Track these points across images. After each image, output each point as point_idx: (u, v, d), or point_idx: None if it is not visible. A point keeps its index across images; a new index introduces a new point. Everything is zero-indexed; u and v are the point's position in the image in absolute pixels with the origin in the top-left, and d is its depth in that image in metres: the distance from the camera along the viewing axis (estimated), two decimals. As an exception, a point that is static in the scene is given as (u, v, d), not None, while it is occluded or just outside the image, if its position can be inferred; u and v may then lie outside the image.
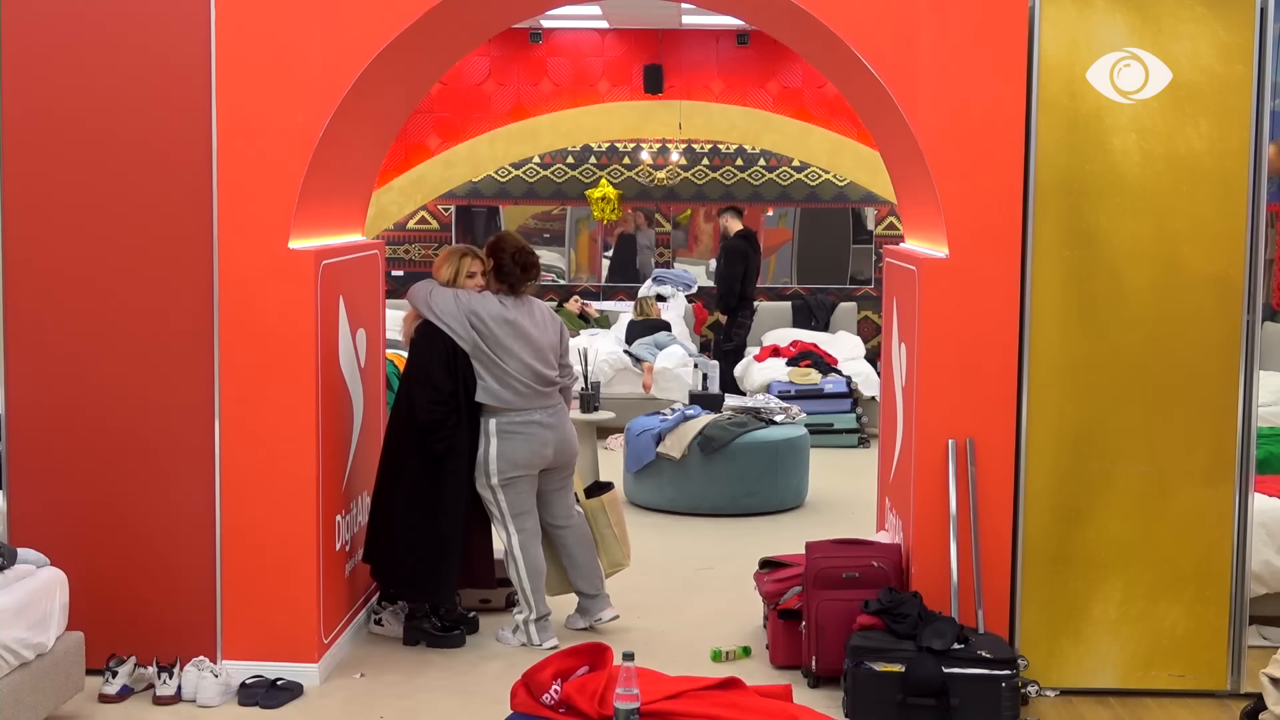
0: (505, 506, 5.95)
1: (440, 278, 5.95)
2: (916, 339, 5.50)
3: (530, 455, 5.94)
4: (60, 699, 4.95)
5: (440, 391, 5.79)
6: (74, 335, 5.47)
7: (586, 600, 6.22)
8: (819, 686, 5.48)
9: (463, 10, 5.73)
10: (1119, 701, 5.41)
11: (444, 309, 5.84)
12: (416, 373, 5.82)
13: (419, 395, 5.80)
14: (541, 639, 5.98)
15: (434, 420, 5.78)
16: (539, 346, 5.95)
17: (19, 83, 5.40)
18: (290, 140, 5.40)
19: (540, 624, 6.02)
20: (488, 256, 6.02)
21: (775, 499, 8.71)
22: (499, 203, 14.12)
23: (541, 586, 6.05)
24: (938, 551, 5.41)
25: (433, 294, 5.89)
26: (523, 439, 5.92)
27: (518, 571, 5.99)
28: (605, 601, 6.23)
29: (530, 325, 5.96)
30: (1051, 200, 5.34)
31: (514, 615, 6.10)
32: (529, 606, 6.01)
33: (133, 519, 5.50)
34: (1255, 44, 5.27)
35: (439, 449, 5.82)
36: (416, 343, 5.88)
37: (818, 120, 13.81)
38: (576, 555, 6.19)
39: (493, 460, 5.90)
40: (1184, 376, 5.37)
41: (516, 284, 6.01)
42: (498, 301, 5.93)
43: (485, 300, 5.91)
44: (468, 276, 5.95)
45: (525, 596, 6.01)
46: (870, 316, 13.86)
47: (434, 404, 5.78)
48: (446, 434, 5.81)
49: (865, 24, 5.39)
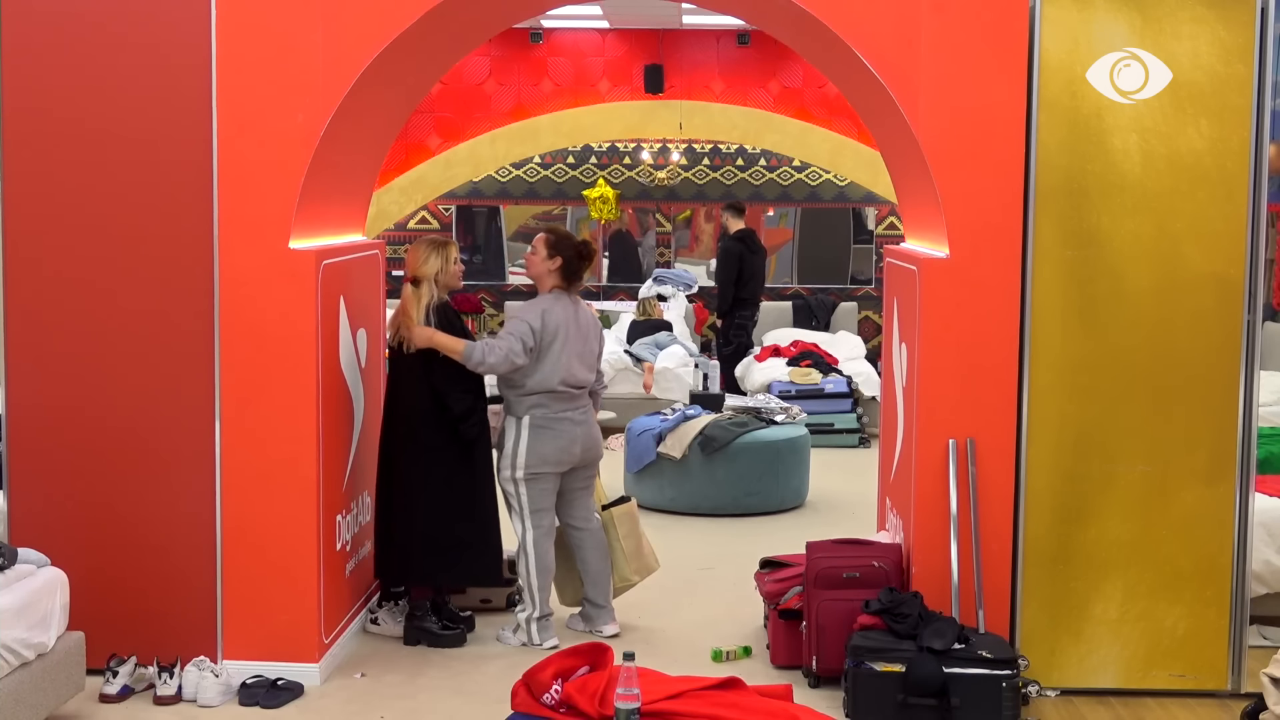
0: (526, 501, 5.97)
1: (426, 272, 5.93)
2: (917, 339, 5.50)
3: (559, 452, 5.98)
4: (61, 699, 4.95)
5: (468, 379, 5.90)
6: (74, 335, 5.47)
7: (592, 609, 6.22)
8: (819, 686, 5.48)
9: (463, 10, 5.73)
10: (1119, 701, 5.41)
11: (535, 321, 5.92)
12: (445, 368, 5.86)
13: (452, 387, 5.86)
14: (542, 639, 5.99)
15: (468, 407, 5.89)
16: (581, 350, 6.03)
17: (19, 83, 5.40)
18: (291, 140, 5.40)
19: (542, 623, 6.02)
20: (551, 255, 6.04)
21: (776, 499, 8.71)
22: (499, 203, 14.13)
23: (548, 585, 6.06)
24: (938, 551, 5.41)
25: (531, 310, 5.96)
26: (553, 435, 5.96)
27: (527, 567, 6.01)
28: (610, 615, 6.23)
29: (575, 328, 6.02)
30: (1052, 200, 5.34)
31: (516, 614, 6.10)
32: (533, 604, 6.01)
33: (133, 519, 5.50)
34: (1255, 44, 5.27)
35: (473, 434, 5.93)
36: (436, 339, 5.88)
37: (818, 120, 13.81)
38: (590, 561, 6.21)
39: (521, 454, 5.94)
40: (1184, 376, 5.37)
41: (577, 278, 6.10)
42: (560, 300, 6.03)
43: (558, 300, 6.01)
44: (455, 264, 6.01)
45: (531, 593, 6.02)
46: (871, 316, 13.86)
47: (466, 392, 5.89)
48: (480, 418, 5.95)
49: (866, 24, 5.39)
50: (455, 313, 6.01)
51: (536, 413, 5.94)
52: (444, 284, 5.98)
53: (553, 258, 6.05)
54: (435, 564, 5.97)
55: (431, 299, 5.91)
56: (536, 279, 6.15)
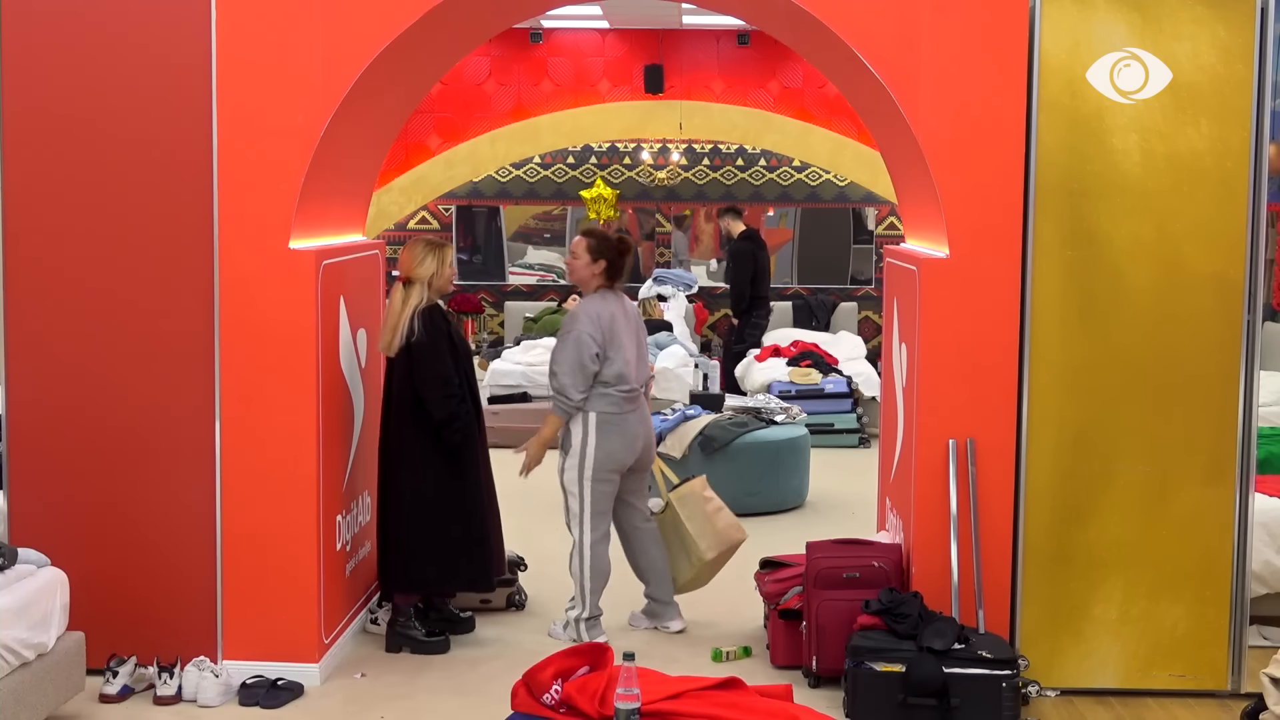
0: (590, 503, 5.99)
1: (421, 274, 5.88)
2: (917, 339, 5.50)
3: (624, 450, 6.02)
4: (61, 699, 4.95)
5: (451, 385, 5.83)
6: (74, 335, 5.47)
7: (657, 606, 6.27)
8: (820, 686, 5.48)
9: (463, 10, 5.73)
10: (1119, 701, 5.41)
11: (591, 328, 5.93)
12: (425, 372, 5.81)
13: (432, 392, 5.80)
14: (590, 638, 6.01)
15: (450, 413, 5.82)
16: (635, 343, 6.10)
17: (19, 83, 5.40)
18: (291, 140, 5.40)
19: (591, 623, 6.06)
20: (594, 259, 6.05)
21: (776, 499, 8.71)
22: (500, 203, 14.14)
23: (601, 588, 6.09)
24: (938, 551, 5.41)
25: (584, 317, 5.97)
26: (620, 431, 5.99)
27: (582, 569, 6.02)
28: (675, 610, 6.28)
29: (625, 323, 6.08)
30: (1052, 200, 5.34)
31: (566, 611, 6.13)
32: (583, 604, 6.05)
33: (133, 519, 5.50)
34: (1255, 44, 5.27)
35: (456, 440, 5.85)
36: (421, 344, 5.81)
37: (818, 120, 13.82)
38: (652, 559, 6.25)
39: (590, 453, 5.96)
40: (1184, 376, 5.37)
41: (621, 275, 6.13)
42: (606, 299, 6.06)
43: (605, 301, 6.03)
44: (450, 267, 5.98)
45: (583, 595, 6.04)
46: (871, 316, 13.87)
47: (448, 397, 5.82)
48: (463, 423, 5.86)
49: (866, 24, 5.39)
50: (444, 317, 5.93)
51: (602, 411, 5.96)
52: (437, 287, 5.93)
53: (596, 261, 6.07)
54: (427, 571, 5.93)
55: (421, 302, 5.84)
56: (581, 283, 6.15)
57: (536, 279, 14.35)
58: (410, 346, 5.80)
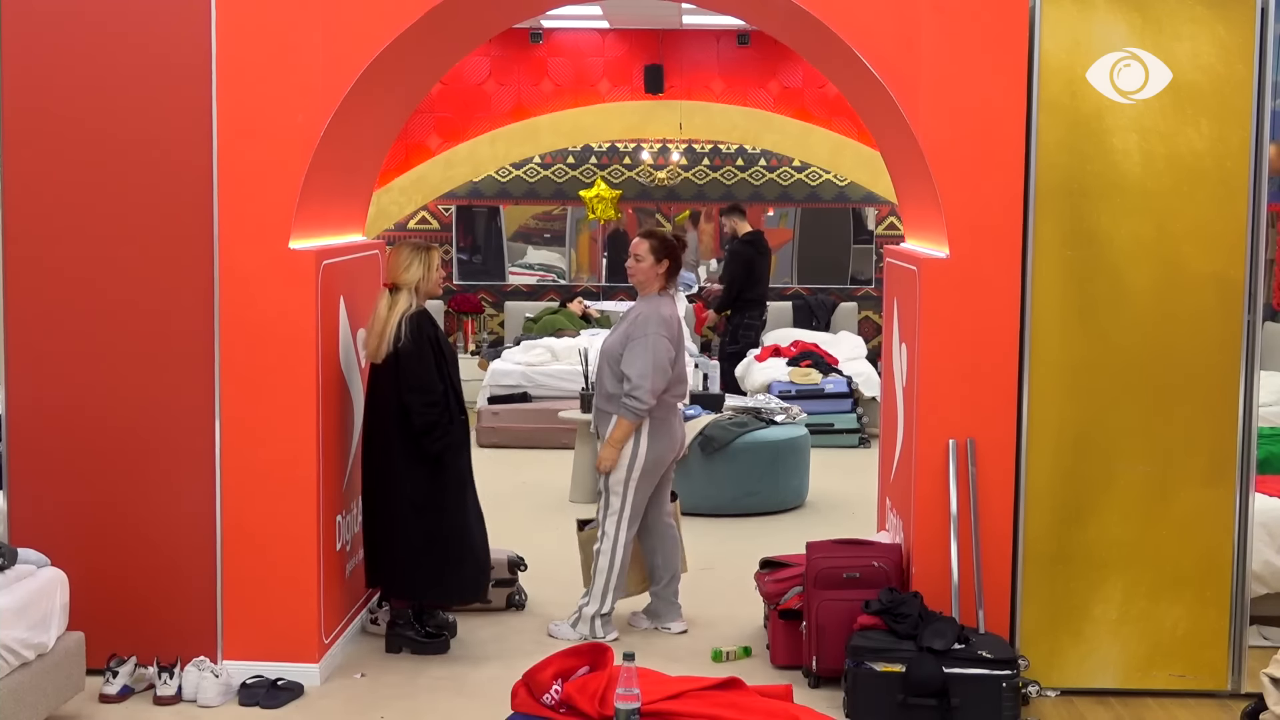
0: (632, 502, 6.01)
1: (408, 280, 5.78)
2: (917, 339, 5.50)
3: (669, 451, 6.09)
4: (61, 699, 4.95)
5: (433, 393, 5.75)
6: (74, 335, 5.47)
7: (663, 605, 6.28)
8: (819, 687, 5.48)
9: (463, 10, 5.73)
10: (1119, 702, 5.40)
11: (665, 331, 5.96)
12: (409, 379, 5.75)
13: (414, 400, 5.74)
14: (605, 633, 6.03)
15: (429, 422, 5.74)
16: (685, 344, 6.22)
17: (19, 83, 5.40)
18: (291, 140, 5.40)
19: (605, 619, 6.08)
20: (659, 259, 6.05)
21: (776, 499, 8.71)
22: (499, 203, 14.13)
23: (622, 585, 6.11)
24: (938, 551, 5.41)
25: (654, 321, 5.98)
26: (667, 432, 6.05)
27: (611, 564, 6.03)
28: (678, 611, 6.30)
29: (679, 324, 6.13)
30: (1052, 200, 5.34)
31: (580, 607, 6.11)
32: (602, 600, 6.05)
33: (133, 519, 5.50)
34: (1255, 44, 5.27)
35: (435, 449, 5.78)
36: (407, 351, 5.75)
37: (818, 120, 13.81)
38: (671, 557, 6.27)
39: (641, 456, 5.98)
40: (1184, 376, 5.37)
41: (679, 274, 6.18)
42: (665, 301, 6.09)
43: (667, 304, 6.07)
44: (437, 270, 5.90)
45: (606, 591, 6.04)
46: (871, 316, 13.87)
47: (428, 406, 5.74)
48: (442, 432, 5.78)
49: (866, 24, 5.39)
50: (431, 322, 5.84)
51: (655, 415, 5.99)
52: (425, 292, 5.84)
53: (660, 261, 6.07)
54: (415, 580, 5.88)
55: (409, 308, 5.76)
56: (643, 285, 6.12)
57: (536, 279, 14.35)
58: (398, 353, 5.73)
